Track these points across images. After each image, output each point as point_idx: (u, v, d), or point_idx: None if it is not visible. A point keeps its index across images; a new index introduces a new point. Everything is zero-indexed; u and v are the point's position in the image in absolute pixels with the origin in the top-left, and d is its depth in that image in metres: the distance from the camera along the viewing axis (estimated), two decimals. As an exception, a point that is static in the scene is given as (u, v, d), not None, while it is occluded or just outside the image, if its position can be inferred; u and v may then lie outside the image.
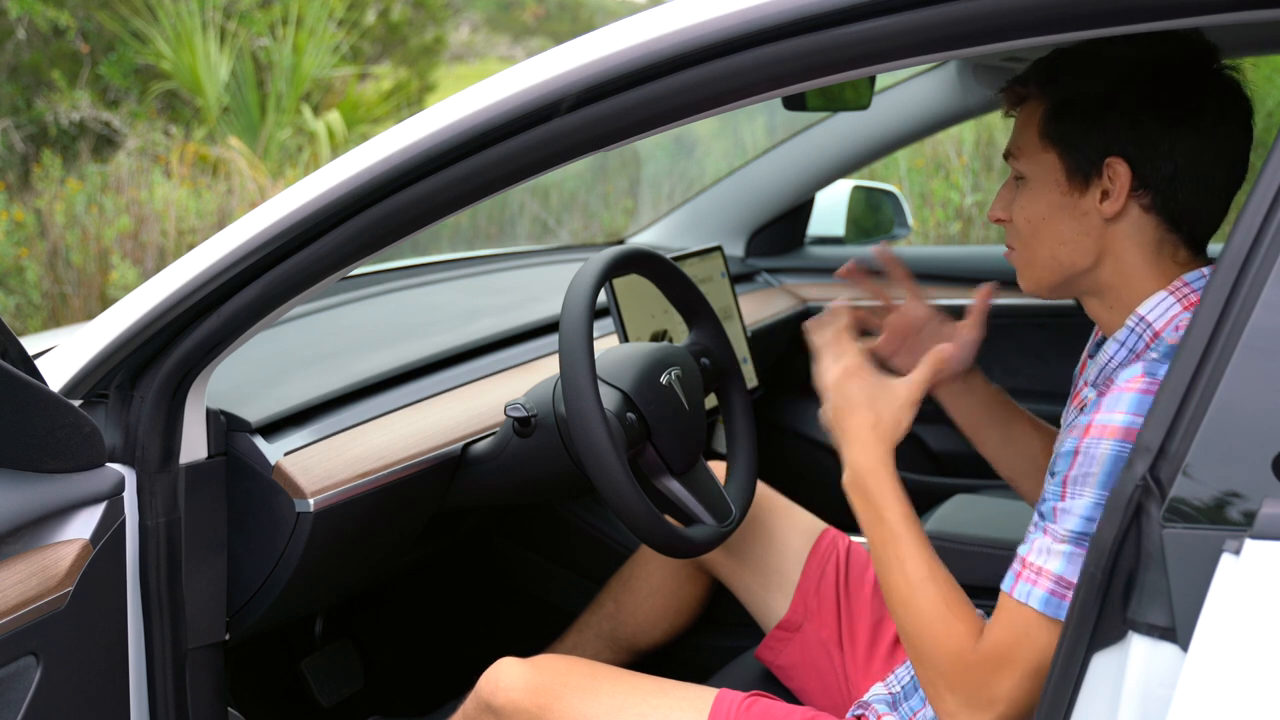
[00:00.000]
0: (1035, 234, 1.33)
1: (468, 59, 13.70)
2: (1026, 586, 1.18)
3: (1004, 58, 2.30)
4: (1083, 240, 1.30)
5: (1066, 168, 1.30)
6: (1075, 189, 1.30)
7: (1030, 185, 1.33)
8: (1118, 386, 1.19)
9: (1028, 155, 1.32)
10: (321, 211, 1.21)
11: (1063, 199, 1.30)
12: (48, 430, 1.17)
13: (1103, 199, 1.28)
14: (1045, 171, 1.31)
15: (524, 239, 7.57)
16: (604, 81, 1.09)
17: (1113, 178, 1.27)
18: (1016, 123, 1.36)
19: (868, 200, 3.08)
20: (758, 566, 1.77)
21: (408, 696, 2.14)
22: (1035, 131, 1.31)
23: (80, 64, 7.94)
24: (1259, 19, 0.94)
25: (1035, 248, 1.34)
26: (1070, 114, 1.29)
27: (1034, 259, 1.35)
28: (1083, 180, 1.29)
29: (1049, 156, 1.31)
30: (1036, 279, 1.36)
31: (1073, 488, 1.18)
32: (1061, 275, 1.34)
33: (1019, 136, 1.34)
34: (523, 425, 1.59)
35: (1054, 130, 1.30)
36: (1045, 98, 1.31)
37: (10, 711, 1.17)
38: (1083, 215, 1.30)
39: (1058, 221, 1.31)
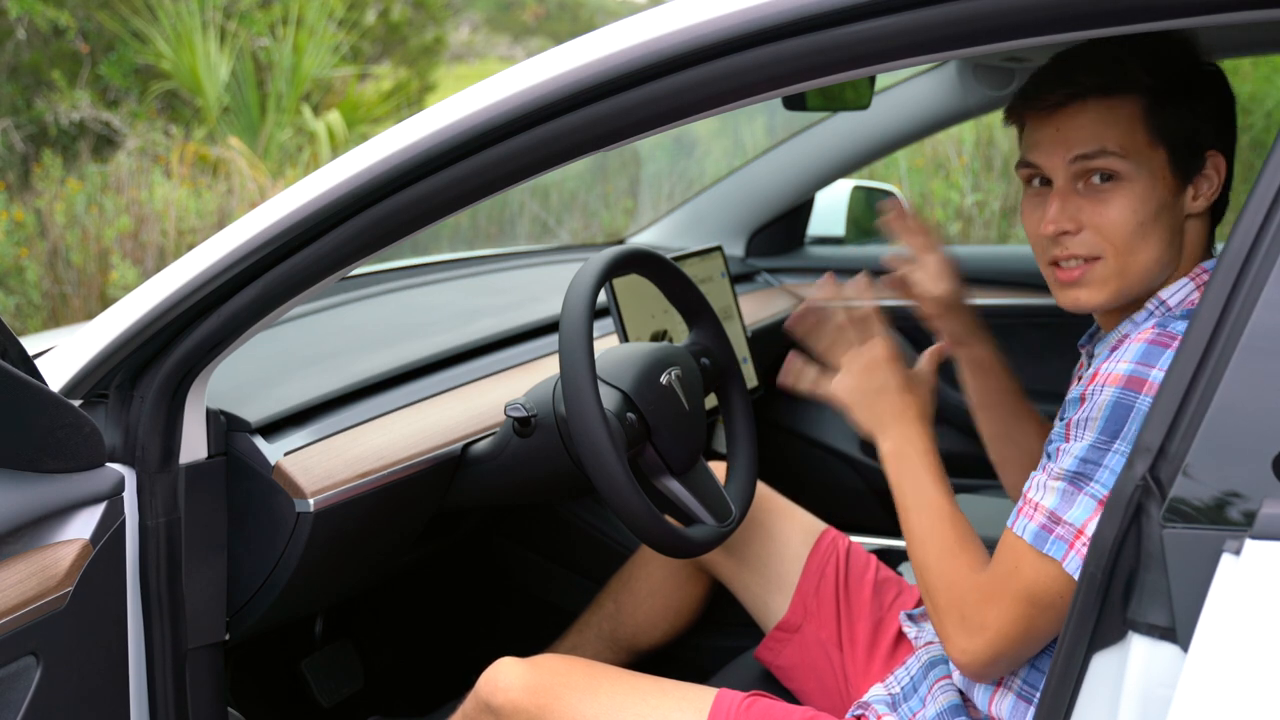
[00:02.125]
0: (1142, 238, 1.24)
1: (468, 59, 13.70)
2: (1024, 521, 1.22)
3: (1004, 58, 2.30)
4: (1177, 239, 1.27)
5: (1174, 164, 1.25)
6: (1178, 186, 1.26)
7: (1134, 185, 1.24)
8: (1132, 338, 1.20)
9: (1131, 153, 1.24)
10: (321, 211, 1.21)
11: (1169, 198, 1.25)
12: (48, 430, 1.17)
13: (1195, 195, 1.26)
14: (1151, 170, 1.24)
15: (524, 239, 7.57)
16: (604, 81, 1.09)
17: (1208, 173, 1.26)
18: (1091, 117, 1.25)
19: (868, 200, 3.08)
20: (757, 567, 1.77)
21: (408, 696, 2.14)
22: (1140, 126, 1.24)
23: (80, 64, 7.94)
24: (1259, 19, 0.94)
25: (1137, 254, 1.25)
26: (1175, 106, 1.24)
27: (1132, 265, 1.26)
28: (1184, 177, 1.26)
29: (1158, 154, 1.24)
30: (1125, 288, 1.27)
31: (1075, 430, 1.20)
32: (1151, 280, 1.27)
33: (1110, 133, 1.24)
34: (523, 425, 1.59)
35: (1164, 124, 1.24)
36: (1145, 88, 1.24)
37: (10, 711, 1.17)
38: (1179, 212, 1.26)
39: (1163, 222, 1.25)
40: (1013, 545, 1.23)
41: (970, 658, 1.28)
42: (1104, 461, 1.17)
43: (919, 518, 1.37)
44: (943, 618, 1.31)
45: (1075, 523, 1.18)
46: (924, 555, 1.35)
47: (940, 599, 1.31)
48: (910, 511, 1.38)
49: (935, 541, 1.34)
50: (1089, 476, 1.18)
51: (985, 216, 6.49)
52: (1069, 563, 1.18)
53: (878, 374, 1.44)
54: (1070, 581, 1.18)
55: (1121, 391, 1.15)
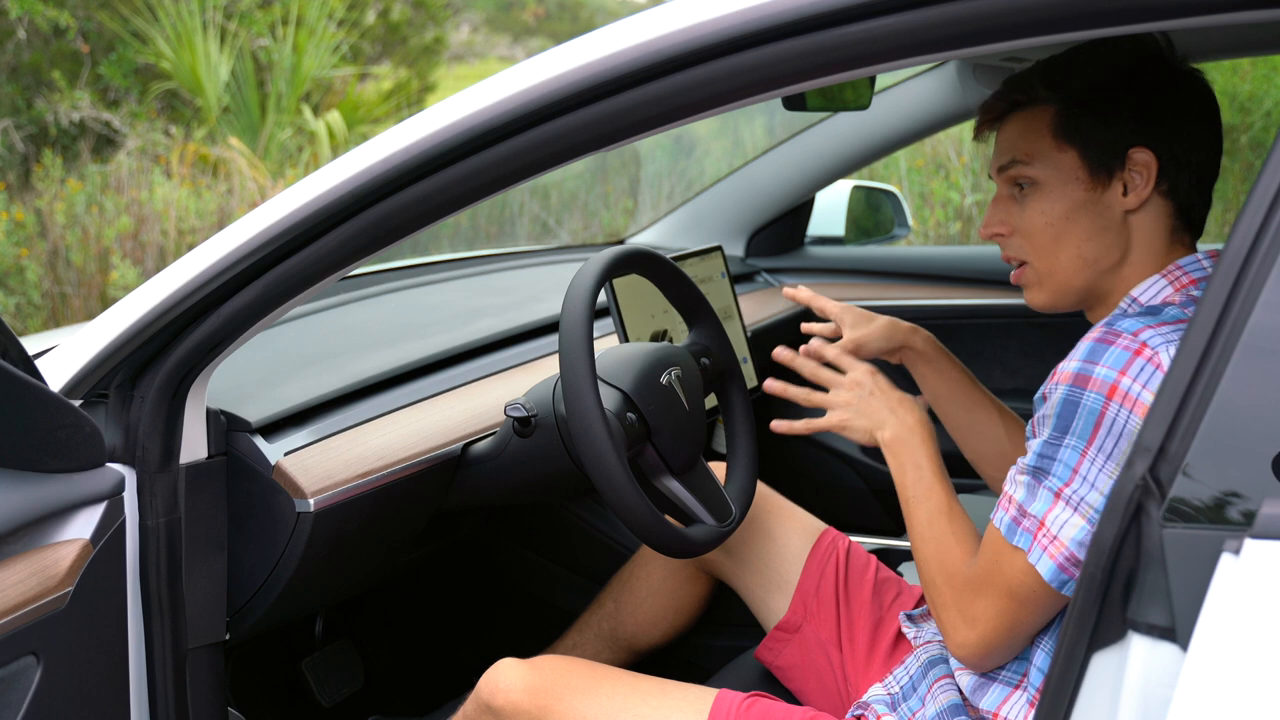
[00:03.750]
0: (1058, 237, 1.33)
1: (468, 59, 13.70)
2: (1001, 513, 1.28)
3: (1004, 58, 2.30)
4: (1106, 235, 1.32)
5: (1089, 164, 1.31)
6: (1099, 184, 1.31)
7: (1046, 188, 1.33)
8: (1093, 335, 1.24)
9: (1040, 158, 1.32)
10: (321, 211, 1.21)
11: (1086, 195, 1.31)
12: (48, 430, 1.17)
13: (1125, 191, 1.30)
14: (1064, 171, 1.32)
15: (524, 239, 7.57)
16: (604, 81, 1.09)
17: (1135, 168, 1.30)
18: (1010, 132, 1.36)
19: (868, 200, 3.08)
20: (757, 567, 1.77)
21: (408, 696, 2.14)
22: (1047, 133, 1.32)
23: (80, 64, 7.94)
24: (1259, 19, 0.94)
25: (1057, 252, 1.34)
26: (1086, 110, 1.30)
27: (1056, 265, 1.34)
28: (1106, 174, 1.31)
29: (1068, 156, 1.31)
30: (1059, 287, 1.36)
31: (1037, 426, 1.27)
32: (1086, 276, 1.34)
33: (1023, 143, 1.34)
34: (523, 425, 1.59)
35: (1071, 128, 1.31)
36: (1054, 99, 1.32)
37: (10, 711, 1.17)
38: (1105, 210, 1.31)
39: (1081, 220, 1.32)
40: (992, 537, 1.29)
41: (967, 651, 1.32)
42: (1058, 455, 1.22)
43: (919, 509, 1.40)
44: (941, 612, 1.35)
45: (1037, 515, 1.23)
46: (924, 548, 1.38)
47: (940, 594, 1.35)
48: (911, 503, 1.42)
49: (934, 534, 1.38)
50: (1046, 470, 1.23)
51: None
52: (1033, 555, 1.23)
53: (865, 383, 1.51)
54: (1038, 575, 1.23)
55: (1070, 389, 1.21)
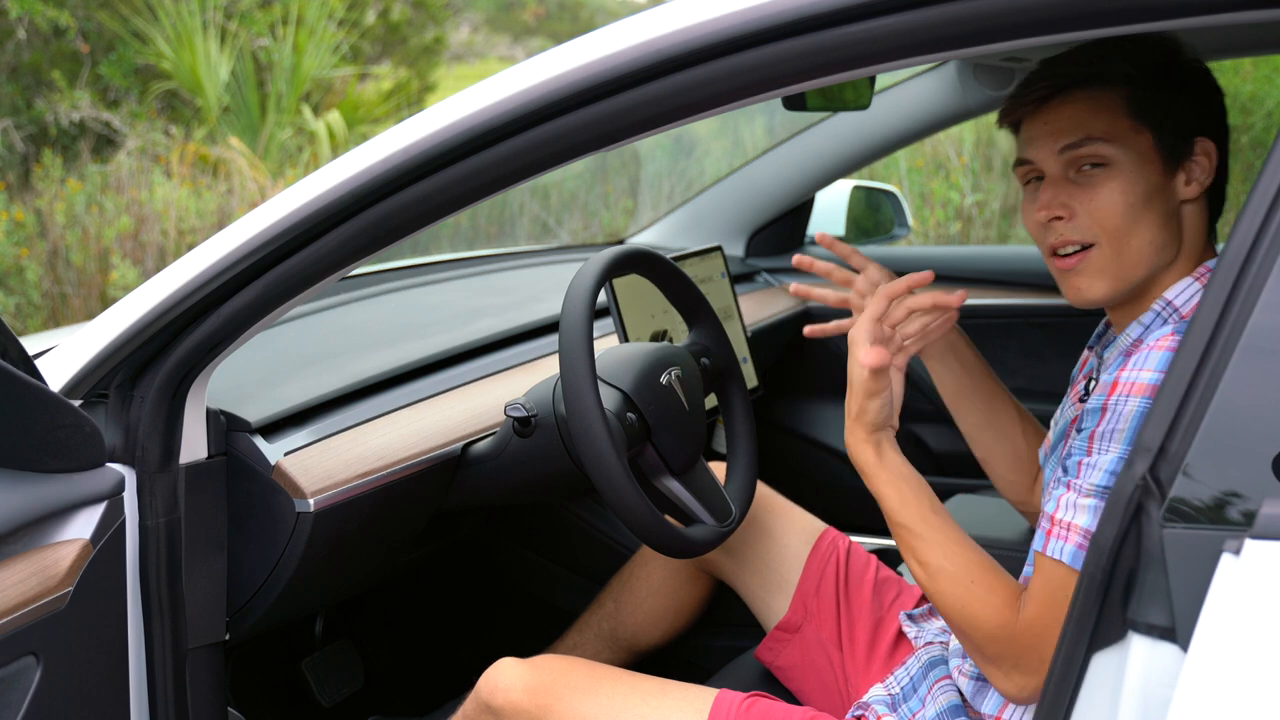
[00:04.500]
0: (1133, 223, 1.27)
1: (468, 59, 13.70)
2: (1058, 543, 1.19)
3: (1004, 58, 2.30)
4: (1171, 225, 1.28)
5: (1162, 148, 1.27)
6: (1168, 170, 1.27)
7: (1121, 170, 1.27)
8: (1147, 346, 1.19)
9: (1116, 138, 1.26)
10: (321, 211, 1.21)
11: (1160, 181, 1.27)
12: (48, 430, 1.17)
13: (1187, 181, 1.28)
14: (1138, 154, 1.27)
15: (524, 239, 7.57)
16: (604, 81, 1.09)
17: (1198, 157, 1.27)
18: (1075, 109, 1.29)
19: (868, 200, 3.08)
20: (757, 567, 1.77)
21: (408, 696, 2.14)
22: (1122, 113, 1.27)
23: (80, 64, 7.94)
24: (1259, 19, 0.94)
25: (1128, 239, 1.27)
26: (1158, 93, 1.27)
27: (1128, 249, 1.27)
28: (1174, 161, 1.27)
29: (1143, 138, 1.27)
30: (1124, 275, 1.28)
31: (1099, 443, 1.19)
32: (1150, 265, 1.28)
33: (1094, 121, 1.27)
34: (523, 425, 1.59)
35: (1146, 109, 1.26)
36: (1127, 78, 1.27)
37: (10, 711, 1.17)
38: (1171, 197, 1.28)
39: (1155, 205, 1.27)
40: (1052, 571, 1.19)
41: (1029, 693, 1.23)
42: None
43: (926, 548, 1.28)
44: (992, 669, 1.25)
45: None
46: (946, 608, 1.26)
47: (986, 648, 1.24)
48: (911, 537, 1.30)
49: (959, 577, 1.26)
50: None
51: (985, 216, 6.49)
52: None
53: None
54: None
55: (1148, 401, 1.15)
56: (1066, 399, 1.51)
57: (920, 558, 1.29)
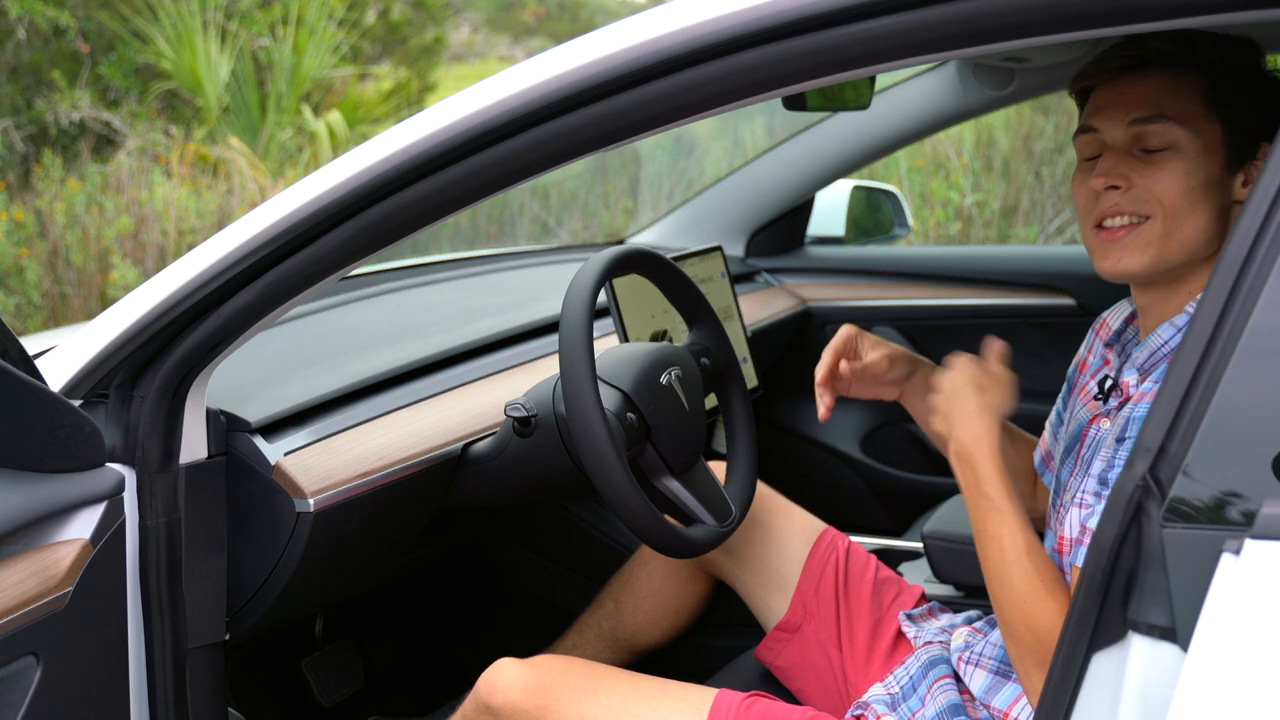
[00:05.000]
0: (1190, 206, 1.26)
1: (468, 59, 13.70)
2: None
3: (1004, 58, 2.30)
4: (1221, 221, 1.28)
5: (1229, 143, 1.26)
6: (1230, 166, 1.27)
7: (1187, 155, 1.26)
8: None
9: (1188, 122, 1.26)
10: (321, 211, 1.21)
11: (1220, 175, 1.27)
12: (48, 430, 1.17)
13: (1245, 183, 1.27)
14: (1205, 143, 1.26)
15: (524, 239, 7.57)
16: (604, 81, 1.09)
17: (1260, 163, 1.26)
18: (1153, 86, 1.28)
19: (868, 200, 3.08)
20: (757, 567, 1.77)
21: (408, 696, 2.13)
22: (1198, 99, 1.26)
23: (80, 64, 7.94)
24: (1259, 19, 0.94)
25: (1184, 221, 1.27)
26: (1238, 88, 1.26)
27: (1178, 230, 1.27)
28: (1238, 160, 1.27)
29: (1213, 129, 1.26)
30: (1168, 253, 1.28)
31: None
32: (1191, 253, 1.28)
33: (1169, 101, 1.27)
34: (523, 425, 1.59)
35: (1222, 101, 1.26)
36: (1206, 68, 1.27)
37: (10, 711, 1.17)
38: (1227, 194, 1.28)
39: (1210, 198, 1.27)
40: None
41: None
42: None
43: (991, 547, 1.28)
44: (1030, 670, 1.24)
45: None
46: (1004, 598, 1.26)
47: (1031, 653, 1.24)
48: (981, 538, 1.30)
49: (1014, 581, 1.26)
50: None
51: (985, 216, 6.49)
52: None
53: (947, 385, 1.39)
54: None
55: None
56: (1072, 399, 1.50)
57: (1003, 543, 1.27)
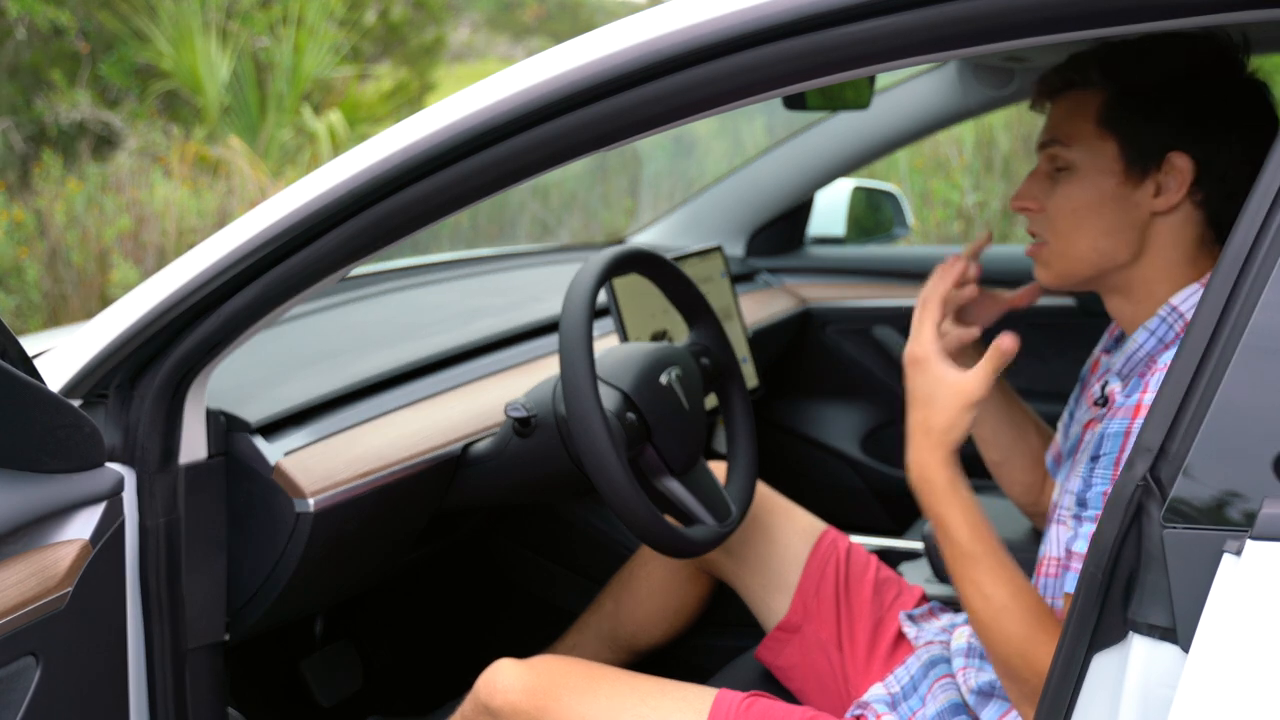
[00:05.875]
0: (1079, 224, 1.30)
1: (468, 59, 13.69)
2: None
3: (1004, 58, 2.30)
4: (1128, 233, 1.29)
5: (1125, 158, 1.28)
6: (1131, 180, 1.28)
7: (1080, 174, 1.30)
8: (1163, 366, 1.19)
9: (1081, 143, 1.30)
10: (321, 211, 1.21)
11: (1117, 189, 1.29)
12: (47, 430, 1.17)
13: (1156, 193, 1.28)
14: (1100, 160, 1.29)
15: (524, 239, 7.57)
16: (604, 81, 1.09)
17: (1170, 172, 1.27)
18: (1059, 111, 1.33)
19: (868, 200, 3.08)
20: (757, 567, 1.77)
21: (408, 696, 2.13)
22: (1092, 119, 1.29)
23: (80, 64, 7.94)
24: (1259, 19, 0.94)
25: (1075, 239, 1.31)
26: (1133, 104, 1.28)
27: (1070, 250, 1.32)
28: (1140, 172, 1.28)
29: (1107, 145, 1.29)
30: (1068, 271, 1.33)
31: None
32: (1096, 268, 1.32)
33: (1066, 124, 1.31)
34: (523, 425, 1.59)
35: (1115, 119, 1.28)
36: (1106, 85, 1.29)
37: (10, 712, 1.17)
38: (1133, 207, 1.29)
39: (1106, 212, 1.29)
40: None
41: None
42: None
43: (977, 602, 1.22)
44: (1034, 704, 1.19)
45: None
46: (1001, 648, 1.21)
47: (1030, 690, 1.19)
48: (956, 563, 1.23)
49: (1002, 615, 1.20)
50: None
51: (985, 216, 6.48)
52: None
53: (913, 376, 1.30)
54: None
55: None
56: (1078, 401, 1.50)
57: (987, 591, 1.21)
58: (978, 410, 1.25)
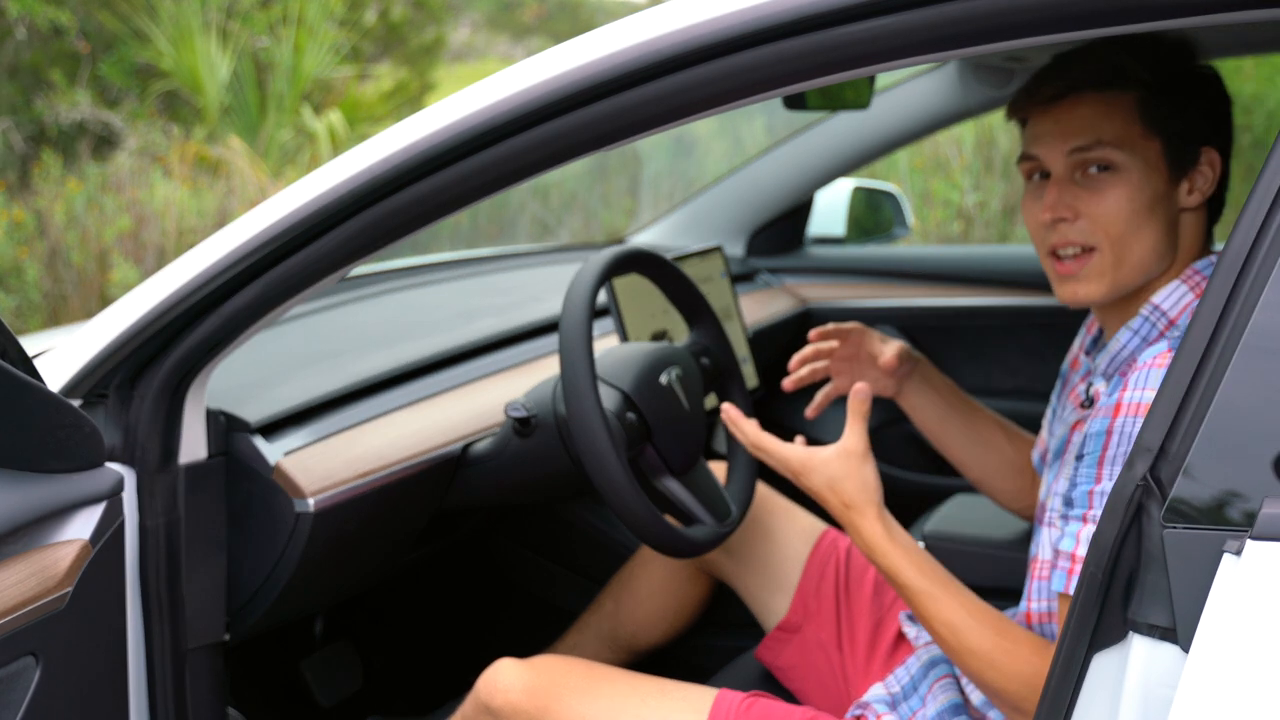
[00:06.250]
0: (1136, 229, 1.26)
1: (468, 59, 13.69)
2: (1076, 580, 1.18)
3: (1004, 58, 2.30)
4: (1171, 233, 1.28)
5: (1169, 157, 1.26)
6: (1174, 179, 1.26)
7: (1129, 176, 1.26)
8: (1144, 364, 1.18)
9: (1126, 144, 1.25)
10: (321, 211, 1.21)
11: (1165, 189, 1.26)
12: (47, 430, 1.17)
13: (1190, 190, 1.27)
14: (1146, 161, 1.26)
15: (524, 239, 7.57)
16: (604, 81, 1.09)
17: (1201, 168, 1.26)
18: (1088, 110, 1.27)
19: (868, 200, 3.08)
20: (758, 567, 1.77)
21: (408, 696, 2.13)
22: (1135, 119, 1.26)
23: (80, 64, 7.93)
24: (1259, 19, 0.94)
25: (1131, 245, 1.26)
26: (1169, 100, 1.25)
27: (1129, 255, 1.27)
28: (1180, 170, 1.26)
29: (1152, 145, 1.26)
30: (1122, 280, 1.28)
31: (1109, 468, 1.17)
32: (1147, 273, 1.28)
33: (1104, 125, 1.26)
34: (523, 425, 1.59)
35: (1158, 117, 1.26)
36: (1140, 84, 1.26)
37: (10, 712, 1.17)
38: (1174, 206, 1.27)
39: (1157, 215, 1.26)
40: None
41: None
42: None
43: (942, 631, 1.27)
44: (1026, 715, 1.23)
45: None
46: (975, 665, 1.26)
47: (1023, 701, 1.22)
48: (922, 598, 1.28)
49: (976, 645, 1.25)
50: None
51: (985, 216, 6.49)
52: None
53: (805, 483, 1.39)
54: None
55: None
56: (1063, 401, 1.50)
57: (944, 619, 1.27)
58: (871, 459, 1.33)
